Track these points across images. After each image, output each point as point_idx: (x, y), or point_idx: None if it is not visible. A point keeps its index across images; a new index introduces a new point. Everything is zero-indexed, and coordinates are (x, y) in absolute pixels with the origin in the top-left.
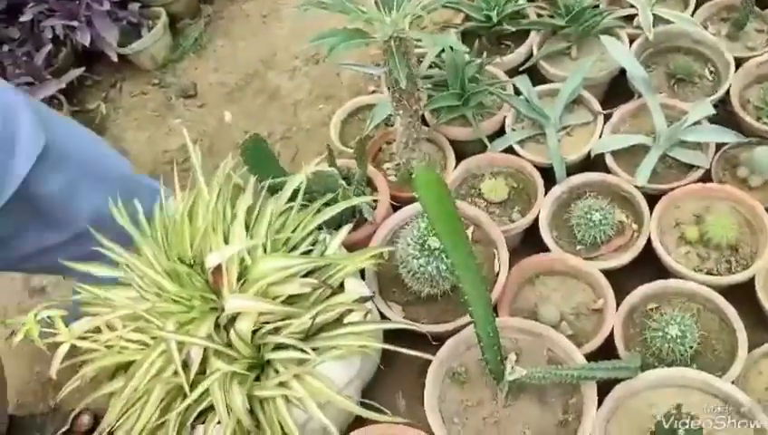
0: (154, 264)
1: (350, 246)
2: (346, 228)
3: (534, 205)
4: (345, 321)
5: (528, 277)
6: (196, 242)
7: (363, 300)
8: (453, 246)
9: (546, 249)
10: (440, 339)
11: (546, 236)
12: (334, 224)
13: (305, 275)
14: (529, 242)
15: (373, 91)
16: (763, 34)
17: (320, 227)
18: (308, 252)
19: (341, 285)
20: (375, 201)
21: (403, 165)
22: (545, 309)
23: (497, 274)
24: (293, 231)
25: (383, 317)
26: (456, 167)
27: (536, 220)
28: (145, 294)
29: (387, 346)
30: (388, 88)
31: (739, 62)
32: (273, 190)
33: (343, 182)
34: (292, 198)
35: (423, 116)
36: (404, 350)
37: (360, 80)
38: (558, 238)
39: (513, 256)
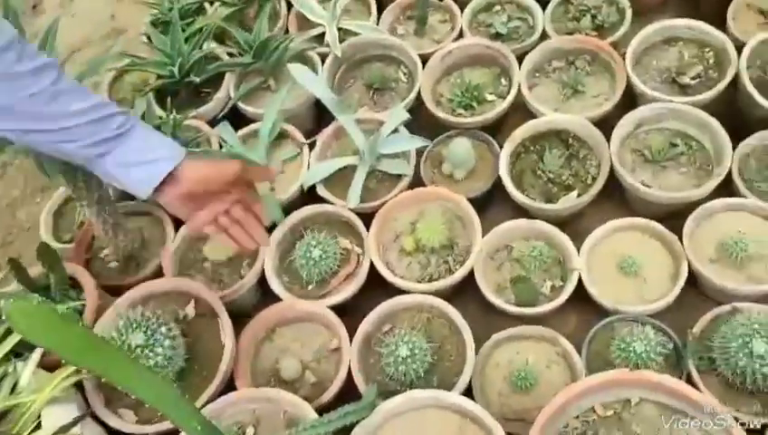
0: None
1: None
2: (38, 350)
3: (260, 254)
4: None
5: (265, 334)
6: None
7: (66, 428)
8: (106, 369)
9: (279, 299)
10: None
11: (274, 284)
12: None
13: None
14: (271, 293)
15: None
16: (447, 24)
17: (16, 354)
18: None
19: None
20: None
21: (114, 250)
22: (285, 363)
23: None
24: None
25: (111, 431)
26: (174, 237)
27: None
28: None
29: None
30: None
31: (428, 58)
32: None
33: (35, 295)
34: None
35: None
36: None
37: None
38: (290, 283)
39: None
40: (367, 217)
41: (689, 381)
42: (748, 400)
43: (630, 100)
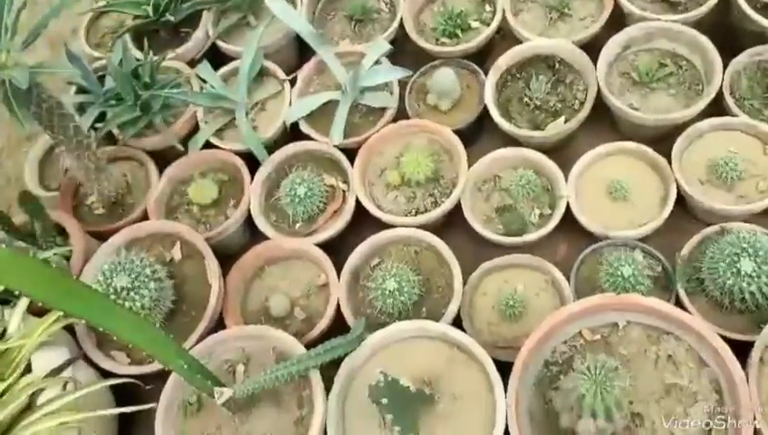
0: None
1: None
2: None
3: (245, 194)
4: (39, 403)
5: (254, 273)
6: None
7: (57, 371)
8: (88, 313)
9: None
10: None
11: (261, 223)
12: None
13: None
14: (259, 232)
15: None
16: None
17: (4, 301)
18: None
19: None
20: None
21: (99, 196)
22: (274, 301)
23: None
24: None
25: (104, 373)
26: (159, 179)
27: None
28: None
29: (96, 413)
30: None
31: None
32: None
33: (21, 242)
34: None
35: (112, 134)
36: (121, 409)
37: None
38: (277, 222)
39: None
40: (352, 153)
41: (678, 302)
42: (736, 318)
43: (619, 21)
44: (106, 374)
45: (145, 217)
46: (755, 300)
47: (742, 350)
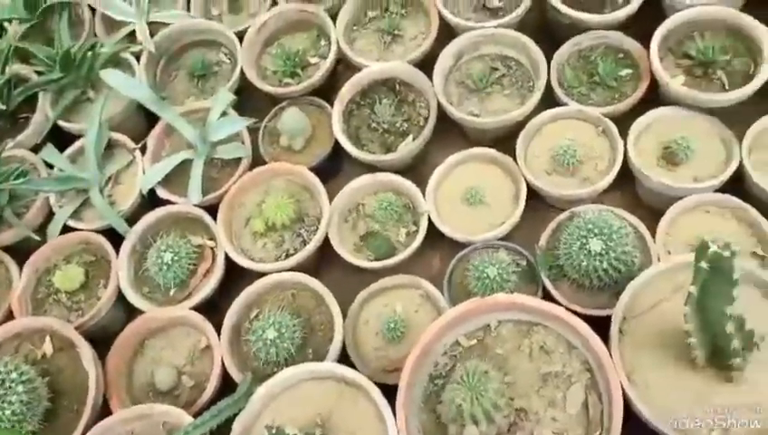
0: None
1: None
2: None
3: (112, 272)
4: None
5: (134, 350)
6: None
7: None
8: None
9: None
10: None
11: (134, 298)
12: None
13: None
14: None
15: None
16: None
17: None
18: None
19: None
20: None
21: None
22: (159, 375)
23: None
24: None
25: None
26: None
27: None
28: None
29: None
30: None
31: (243, 34)
32: None
33: None
34: None
35: None
36: None
37: None
38: (151, 293)
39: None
40: (215, 209)
41: (545, 291)
42: (600, 296)
43: (449, 34)
44: None
45: (10, 316)
46: (610, 276)
47: (602, 324)
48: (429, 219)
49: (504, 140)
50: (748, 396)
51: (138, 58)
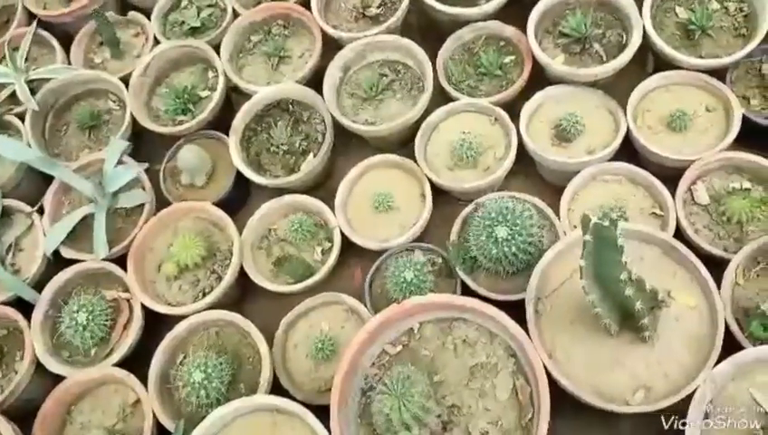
0: None
1: None
2: None
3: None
4: None
5: (61, 419)
6: None
7: None
8: None
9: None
10: None
11: (52, 365)
12: None
13: None
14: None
15: None
16: (141, 36)
17: None
18: None
19: None
20: None
21: None
22: None
23: None
24: None
25: None
26: None
27: None
28: None
29: None
30: None
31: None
32: None
33: None
34: None
35: None
36: None
37: None
38: (72, 356)
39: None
40: (125, 259)
41: (463, 285)
42: (516, 280)
43: (336, 46)
44: None
45: None
46: (521, 260)
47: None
48: (342, 233)
49: (407, 142)
50: (665, 352)
51: (22, 118)
